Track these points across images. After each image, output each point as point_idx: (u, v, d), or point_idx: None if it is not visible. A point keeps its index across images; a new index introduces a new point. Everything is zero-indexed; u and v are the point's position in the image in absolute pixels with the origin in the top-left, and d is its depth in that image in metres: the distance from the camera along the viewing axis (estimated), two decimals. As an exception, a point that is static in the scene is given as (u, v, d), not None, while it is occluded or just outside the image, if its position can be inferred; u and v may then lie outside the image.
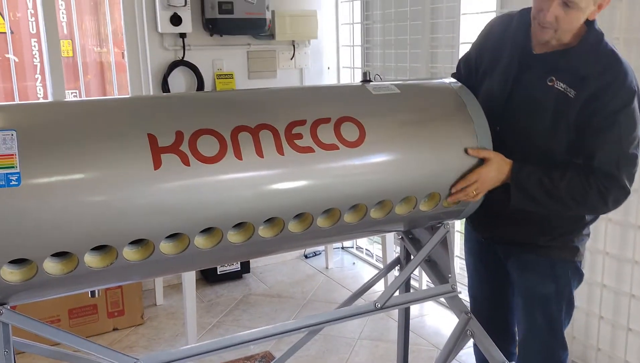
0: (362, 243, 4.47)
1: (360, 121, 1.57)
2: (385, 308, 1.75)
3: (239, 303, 3.65)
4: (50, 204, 1.23)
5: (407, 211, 1.65)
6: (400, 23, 3.69)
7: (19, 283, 1.26)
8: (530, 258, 1.79)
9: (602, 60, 1.58)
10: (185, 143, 1.36)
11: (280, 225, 1.49)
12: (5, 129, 1.23)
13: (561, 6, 1.51)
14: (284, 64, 4.04)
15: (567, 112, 1.59)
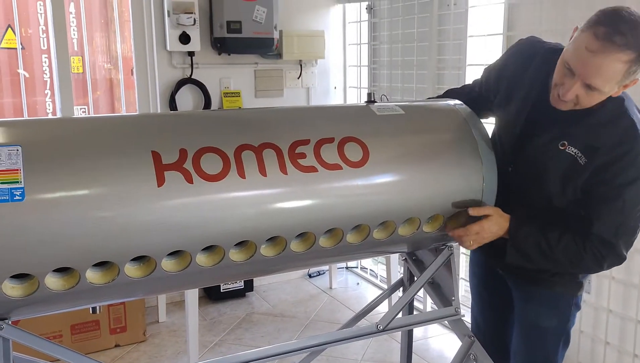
0: (367, 264, 4.44)
1: (364, 141, 1.57)
2: (387, 330, 1.74)
3: (242, 321, 3.62)
4: (53, 220, 1.23)
5: (411, 232, 1.64)
6: (407, 44, 3.71)
7: (20, 298, 1.26)
8: (535, 290, 1.78)
9: (617, 132, 1.53)
10: (189, 160, 1.36)
11: (282, 244, 1.49)
12: (11, 145, 1.24)
13: (583, 87, 1.46)
14: (291, 83, 4.07)
15: (576, 178, 1.57)
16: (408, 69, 3.72)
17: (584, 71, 1.43)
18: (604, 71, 1.40)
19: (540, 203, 1.67)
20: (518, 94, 1.68)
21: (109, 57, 4.50)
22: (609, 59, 1.38)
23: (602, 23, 1.39)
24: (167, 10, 3.56)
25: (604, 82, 1.43)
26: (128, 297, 1.54)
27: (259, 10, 3.67)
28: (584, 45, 1.41)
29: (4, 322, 1.31)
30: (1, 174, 1.20)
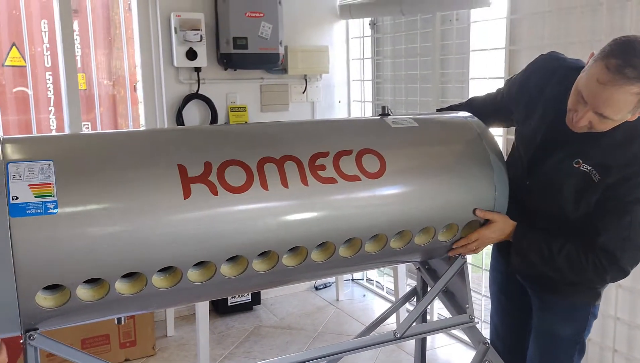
0: (372, 275, 4.47)
1: (380, 153, 1.62)
2: (405, 338, 1.77)
3: (250, 334, 3.64)
4: (85, 232, 1.27)
5: (426, 241, 1.68)
6: (410, 59, 3.78)
7: (52, 308, 1.29)
8: (554, 299, 1.82)
9: (631, 152, 1.57)
10: (213, 173, 1.41)
11: (304, 254, 1.53)
12: (43, 160, 1.28)
13: (595, 115, 1.50)
14: (296, 98, 4.12)
15: (590, 194, 1.62)
16: (412, 83, 3.78)
17: (595, 102, 1.47)
18: (614, 102, 1.44)
19: (555, 217, 1.71)
20: (536, 111, 1.73)
21: (111, 74, 4.55)
22: (619, 91, 1.42)
23: (614, 55, 1.42)
24: (174, 27, 3.62)
25: (614, 113, 1.47)
26: (154, 307, 1.57)
27: (265, 27, 3.73)
28: (595, 76, 1.45)
29: (35, 332, 1.34)
30: (35, 188, 1.24)
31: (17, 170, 1.25)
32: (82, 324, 1.52)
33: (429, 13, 3.50)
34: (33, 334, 1.34)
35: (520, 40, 2.93)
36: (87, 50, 4.16)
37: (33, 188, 1.24)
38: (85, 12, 4.12)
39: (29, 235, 1.22)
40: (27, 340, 1.33)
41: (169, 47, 3.70)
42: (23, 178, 1.24)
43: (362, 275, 4.51)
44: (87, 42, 4.12)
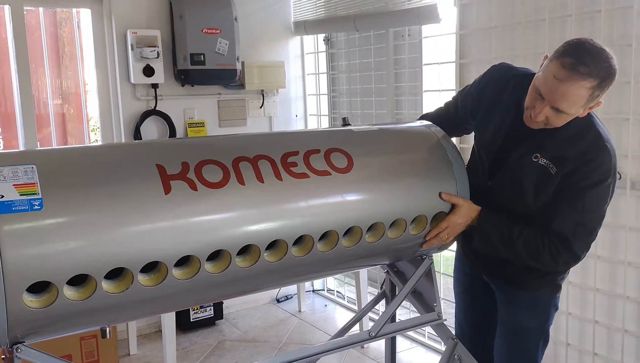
0: (333, 286, 4.55)
1: (347, 151, 1.71)
2: (379, 337, 1.85)
3: (215, 349, 3.64)
4: (70, 228, 1.30)
5: (399, 234, 1.77)
6: (365, 73, 3.91)
7: (39, 309, 1.30)
8: (517, 292, 1.93)
9: (585, 143, 1.70)
10: (191, 171, 1.46)
11: (284, 249, 1.58)
12: (26, 164, 1.31)
13: (552, 110, 1.64)
14: (254, 113, 4.18)
15: (548, 186, 1.75)
16: (367, 97, 3.91)
17: (552, 97, 1.61)
18: (570, 96, 1.58)
19: (517, 211, 1.83)
20: (496, 116, 1.86)
21: (60, 92, 4.49)
22: (574, 86, 1.56)
23: (568, 54, 1.58)
24: (131, 43, 3.62)
25: (570, 106, 1.61)
26: (141, 313, 1.59)
27: (222, 43, 3.78)
28: (552, 73, 1.59)
29: (21, 345, 1.35)
30: (20, 188, 1.27)
31: (1, 173, 1.28)
32: (83, 331, 1.52)
33: (382, 29, 3.64)
34: (20, 346, 1.34)
35: (470, 54, 3.10)
36: (35, 68, 4.08)
37: (18, 187, 1.27)
38: (33, 29, 4.06)
39: (16, 230, 1.24)
40: (14, 352, 1.33)
41: (126, 64, 3.70)
42: (7, 179, 1.28)
43: (323, 285, 4.58)
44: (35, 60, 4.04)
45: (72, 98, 4.61)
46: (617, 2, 2.44)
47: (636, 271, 2.52)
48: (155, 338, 3.79)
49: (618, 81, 2.42)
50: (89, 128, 4.64)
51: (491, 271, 1.98)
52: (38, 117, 4.10)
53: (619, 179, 2.39)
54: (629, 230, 2.50)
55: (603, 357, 2.67)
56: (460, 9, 3.09)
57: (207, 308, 3.93)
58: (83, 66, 4.23)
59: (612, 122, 2.50)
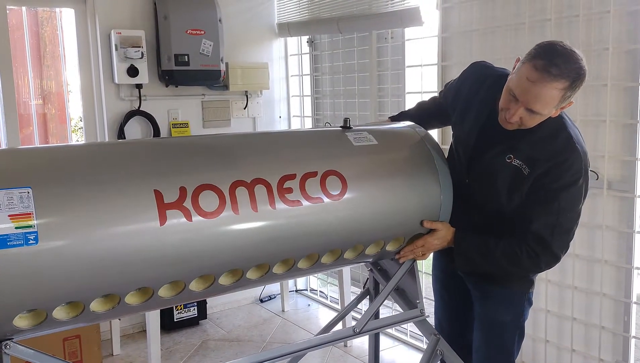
0: (316, 285, 4.57)
1: (343, 175, 1.72)
2: (363, 333, 1.88)
3: (199, 348, 3.65)
4: (65, 261, 1.30)
5: (376, 251, 1.83)
6: (348, 75, 3.95)
7: (28, 328, 1.32)
8: (491, 288, 1.98)
9: (556, 145, 1.74)
10: (188, 198, 1.46)
11: (266, 268, 1.62)
12: (22, 187, 1.28)
13: (526, 111, 1.68)
14: (237, 113, 4.20)
15: (521, 186, 1.79)
16: (350, 98, 3.95)
17: (526, 98, 1.65)
18: (542, 97, 1.63)
19: (493, 210, 1.88)
20: (470, 114, 1.90)
21: (42, 91, 4.47)
22: (547, 87, 1.61)
23: (539, 56, 1.62)
24: (115, 44, 3.62)
25: (543, 107, 1.66)
26: (122, 316, 1.62)
27: (206, 44, 3.80)
28: (525, 75, 1.64)
29: (10, 341, 1.36)
30: (15, 219, 1.24)
31: (-5, 199, 1.24)
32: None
33: (366, 31, 3.68)
34: (8, 343, 1.35)
35: (451, 56, 3.15)
36: (16, 67, 4.05)
37: (13, 218, 1.24)
38: (14, 29, 4.04)
39: (10, 266, 1.24)
40: (2, 349, 1.34)
41: (110, 64, 3.69)
42: (3, 207, 1.24)
43: (306, 285, 4.61)
44: (16, 60, 4.01)
45: (53, 98, 4.58)
46: (594, 7, 2.51)
47: (612, 269, 2.59)
48: (139, 338, 3.79)
49: (595, 84, 2.52)
50: (70, 128, 4.63)
51: (469, 271, 2.03)
52: (19, 117, 4.07)
53: (596, 179, 2.47)
54: (605, 229, 2.57)
55: (581, 353, 2.74)
56: (442, 12, 3.15)
57: (190, 308, 3.93)
58: (65, 65, 4.21)
59: (589, 124, 2.58)
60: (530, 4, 2.71)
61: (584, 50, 2.53)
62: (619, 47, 2.46)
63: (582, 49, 2.52)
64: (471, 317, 2.10)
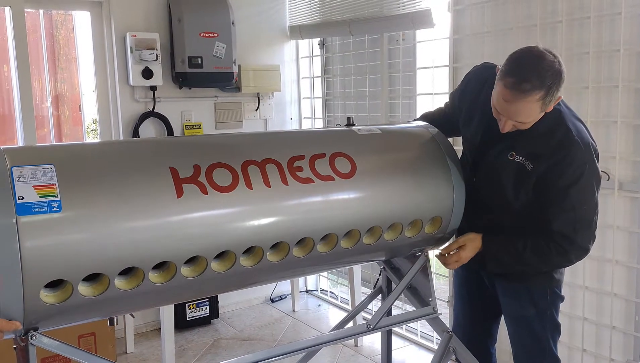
0: (326, 286, 4.60)
1: (351, 156, 1.77)
2: (377, 329, 1.91)
3: (211, 347, 3.69)
4: (87, 230, 1.35)
5: (395, 237, 1.84)
6: (359, 77, 3.98)
7: (55, 304, 1.35)
8: (510, 285, 2.01)
9: (555, 139, 1.76)
10: (202, 174, 1.52)
11: (286, 250, 1.65)
12: (45, 164, 1.35)
13: (514, 122, 1.73)
14: (249, 115, 4.24)
15: (526, 182, 1.82)
16: (361, 100, 3.98)
17: (508, 114, 1.71)
18: (522, 111, 1.68)
19: (501, 207, 1.91)
20: (475, 115, 1.95)
21: (56, 94, 4.53)
22: (522, 102, 1.65)
23: (509, 74, 1.66)
24: (130, 46, 3.67)
25: (527, 118, 1.71)
26: (149, 305, 1.64)
27: (219, 46, 3.85)
28: (500, 95, 1.69)
29: (35, 332, 1.40)
30: (40, 189, 1.31)
31: (20, 173, 1.32)
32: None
33: (377, 33, 3.72)
34: (34, 334, 1.39)
35: (463, 58, 3.18)
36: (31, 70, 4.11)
37: (37, 188, 1.31)
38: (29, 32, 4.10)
39: (35, 233, 1.29)
40: (28, 339, 1.38)
41: (125, 67, 3.75)
42: (27, 180, 1.31)
43: (316, 286, 4.64)
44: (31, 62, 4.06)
45: (68, 100, 4.65)
46: (605, 9, 2.53)
47: (623, 269, 2.60)
48: (152, 336, 3.83)
49: (607, 85, 2.54)
50: (85, 130, 4.69)
51: (502, 273, 2.06)
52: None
53: (607, 180, 2.49)
54: (616, 229, 2.58)
55: (591, 353, 2.75)
56: (454, 14, 3.17)
57: (203, 307, 3.97)
58: (79, 68, 4.27)
59: (600, 125, 2.60)
60: (542, 6, 2.74)
61: (595, 52, 2.57)
62: (630, 48, 2.48)
63: (593, 51, 2.56)
64: (491, 314, 2.12)
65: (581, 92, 2.65)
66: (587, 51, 2.60)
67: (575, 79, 2.69)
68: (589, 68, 2.62)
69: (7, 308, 1.31)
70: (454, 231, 1.99)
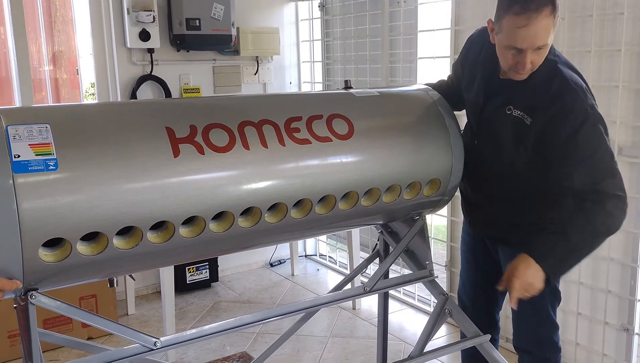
0: (325, 251, 4.64)
1: (348, 117, 1.76)
2: (373, 291, 1.93)
3: (211, 309, 3.74)
4: (84, 189, 1.34)
5: (393, 199, 1.84)
6: (359, 40, 3.93)
7: (53, 263, 1.36)
8: (510, 250, 1.99)
9: (551, 89, 1.73)
10: (199, 134, 1.51)
11: (284, 211, 1.65)
12: (40, 123, 1.35)
13: (534, 53, 1.67)
14: (248, 79, 4.21)
15: (525, 137, 1.78)
16: (361, 64, 3.94)
17: (529, 42, 1.65)
18: (541, 31, 1.64)
19: (502, 170, 1.89)
20: (477, 75, 1.93)
21: (53, 57, 4.49)
22: (538, 21, 1.62)
23: (512, 3, 1.64)
24: (127, 7, 3.62)
25: (546, 37, 1.66)
26: (149, 266, 1.65)
27: (217, 8, 3.79)
28: (514, 26, 1.65)
29: (35, 292, 1.41)
30: (35, 148, 1.30)
31: (16, 132, 1.31)
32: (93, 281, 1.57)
33: (378, -5, 3.66)
34: (34, 293, 1.40)
35: (465, 20, 3.13)
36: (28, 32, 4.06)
37: (33, 147, 1.30)
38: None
39: (32, 191, 1.28)
40: (28, 299, 1.39)
41: (122, 29, 3.70)
42: (23, 138, 1.30)
43: (315, 250, 4.67)
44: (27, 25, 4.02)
45: (65, 63, 4.60)
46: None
47: (621, 234, 2.60)
48: (153, 299, 3.88)
49: (609, 49, 2.51)
50: (83, 94, 4.65)
51: (491, 236, 2.07)
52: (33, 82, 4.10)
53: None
54: (614, 195, 2.58)
55: (585, 347, 2.80)
56: (455, -24, 3.12)
57: (202, 270, 4.01)
58: (76, 30, 4.22)
59: (602, 90, 2.57)
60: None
61: (599, 14, 2.53)
62: (634, 12, 2.44)
63: (597, 13, 2.52)
64: (496, 280, 2.11)
65: (584, 55, 2.62)
66: (590, 14, 2.57)
67: (578, 43, 2.66)
68: (592, 32, 2.58)
69: (6, 267, 1.31)
70: (453, 194, 1.99)
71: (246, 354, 3.16)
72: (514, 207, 1.95)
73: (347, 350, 3.21)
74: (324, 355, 3.17)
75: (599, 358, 2.77)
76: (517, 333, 2.09)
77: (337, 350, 3.22)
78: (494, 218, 2.02)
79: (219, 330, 1.74)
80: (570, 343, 2.84)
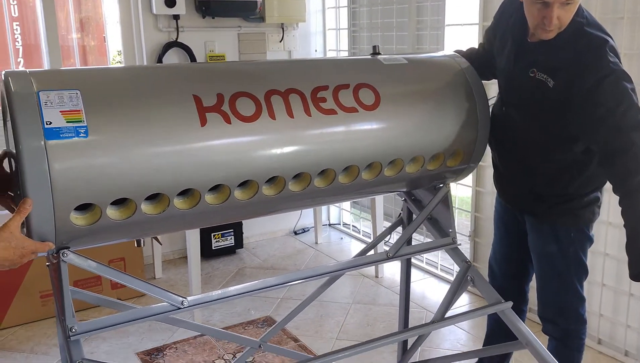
0: (348, 220, 4.66)
1: (375, 87, 1.75)
2: (396, 257, 1.94)
3: (235, 275, 3.81)
4: (113, 156, 1.37)
5: (416, 170, 1.84)
6: (386, 7, 3.88)
7: (84, 226, 1.40)
8: (536, 222, 2.01)
9: (576, 49, 1.70)
10: (226, 103, 1.52)
11: (307, 180, 1.66)
12: (70, 89, 1.37)
13: (561, 7, 1.64)
14: (273, 47, 4.19)
15: (549, 99, 1.76)
16: (388, 31, 3.89)
17: None
18: None
19: (526, 136, 1.88)
20: (508, 39, 1.90)
21: (81, 24, 4.52)
22: None
23: None
24: (153, -26, 3.62)
25: None
26: (175, 229, 1.69)
27: (243, -26, 3.76)
28: None
29: (67, 250, 1.46)
30: (67, 114, 1.33)
31: (47, 98, 1.33)
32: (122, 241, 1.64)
33: (405, -39, 3.59)
34: (66, 252, 1.45)
35: (494, -13, 3.06)
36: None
37: (64, 114, 1.33)
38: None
39: (64, 157, 1.32)
40: (60, 256, 1.44)
41: (148, -6, 3.71)
42: (54, 105, 1.33)
43: (339, 219, 4.70)
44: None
45: (92, 30, 4.64)
46: None
47: None
48: (179, 263, 3.97)
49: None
50: (110, 61, 4.69)
51: (518, 206, 2.07)
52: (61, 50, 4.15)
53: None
54: None
55: (608, 318, 2.81)
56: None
57: (228, 237, 4.07)
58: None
59: (607, 22, 2.52)
60: None
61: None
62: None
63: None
64: (527, 252, 2.12)
65: (616, 22, 2.55)
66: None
67: (610, 10, 2.59)
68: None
69: (39, 228, 1.36)
70: (478, 161, 1.98)
71: (270, 318, 3.22)
72: (539, 178, 1.94)
73: (369, 317, 3.25)
74: (346, 320, 3.22)
75: (623, 329, 2.77)
76: (542, 302, 2.10)
77: (359, 316, 3.27)
78: (520, 188, 2.01)
79: (244, 292, 1.78)
80: (594, 315, 2.84)
